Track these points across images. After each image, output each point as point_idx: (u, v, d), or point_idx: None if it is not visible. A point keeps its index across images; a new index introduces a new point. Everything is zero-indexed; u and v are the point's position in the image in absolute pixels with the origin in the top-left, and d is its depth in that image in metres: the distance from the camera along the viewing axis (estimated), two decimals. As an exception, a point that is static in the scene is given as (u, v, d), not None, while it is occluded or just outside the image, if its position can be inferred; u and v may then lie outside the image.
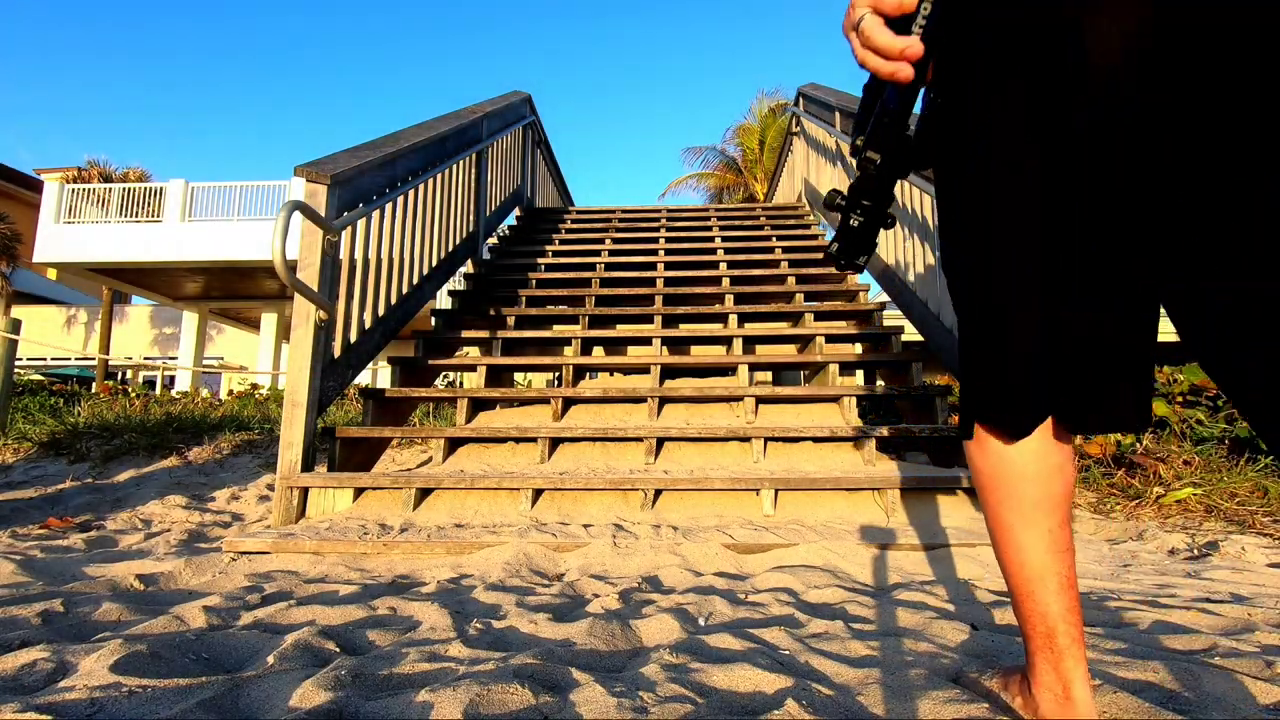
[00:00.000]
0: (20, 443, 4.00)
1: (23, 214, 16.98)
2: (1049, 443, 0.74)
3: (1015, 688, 0.82)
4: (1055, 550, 0.74)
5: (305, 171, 2.55)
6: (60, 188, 12.09)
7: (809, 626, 1.24)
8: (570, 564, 1.85)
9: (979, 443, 0.77)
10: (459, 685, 0.89)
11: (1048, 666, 0.75)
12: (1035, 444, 0.73)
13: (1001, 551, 0.78)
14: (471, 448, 3.00)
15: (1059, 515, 0.75)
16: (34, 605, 1.30)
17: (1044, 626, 0.74)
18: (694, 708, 0.86)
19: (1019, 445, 0.73)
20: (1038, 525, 0.74)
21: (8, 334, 4.11)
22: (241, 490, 3.25)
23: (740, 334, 3.53)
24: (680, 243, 5.11)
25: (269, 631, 1.18)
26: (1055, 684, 0.74)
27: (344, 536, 2.04)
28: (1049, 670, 0.75)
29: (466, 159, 4.22)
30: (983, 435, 0.76)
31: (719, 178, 18.35)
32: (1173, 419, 3.37)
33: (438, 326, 4.00)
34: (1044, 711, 0.75)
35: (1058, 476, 0.74)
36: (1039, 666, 0.76)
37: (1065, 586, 0.74)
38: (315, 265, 2.52)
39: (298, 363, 2.49)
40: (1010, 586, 0.78)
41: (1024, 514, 0.75)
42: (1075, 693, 0.73)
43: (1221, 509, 2.58)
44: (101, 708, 0.84)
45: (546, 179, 6.98)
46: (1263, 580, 1.69)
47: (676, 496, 2.46)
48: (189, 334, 14.40)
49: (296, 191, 11.18)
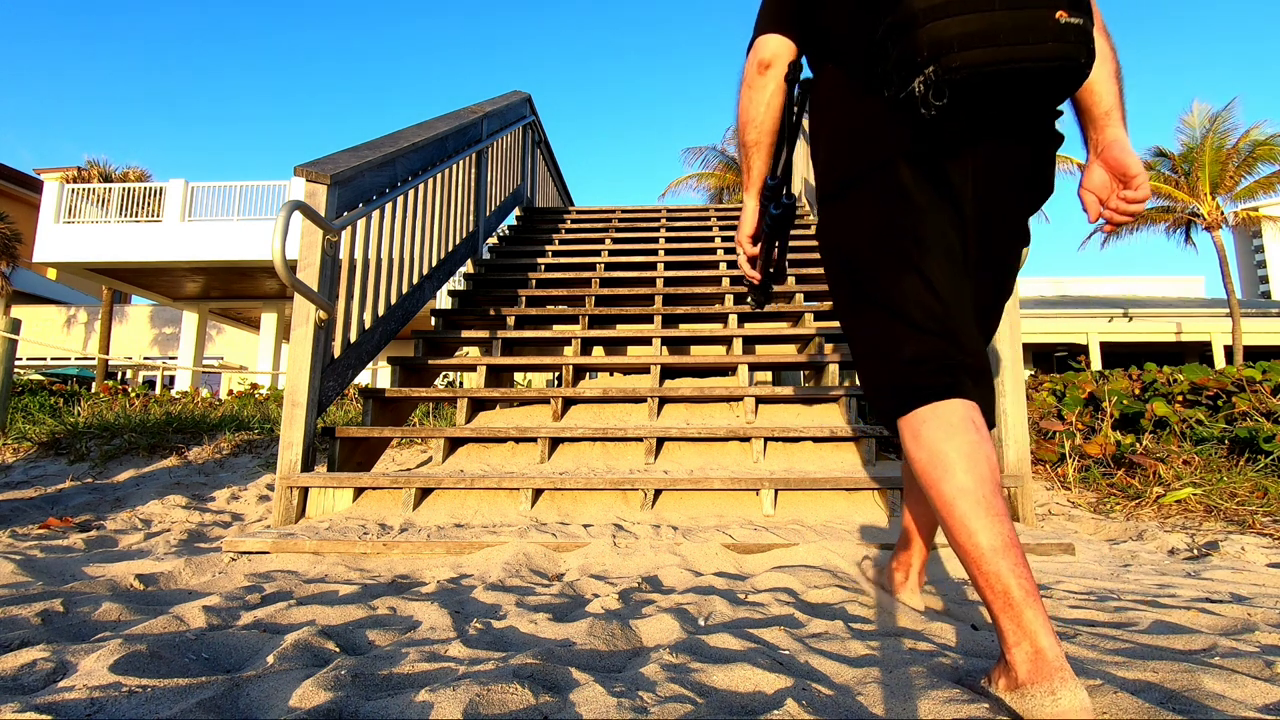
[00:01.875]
0: (20, 442, 4.00)
1: (23, 214, 16.99)
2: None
3: (999, 673, 0.85)
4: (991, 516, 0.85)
5: (305, 171, 2.55)
6: (60, 188, 12.09)
7: (809, 626, 1.24)
8: (570, 564, 1.85)
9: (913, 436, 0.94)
10: (459, 685, 0.89)
11: (1012, 625, 0.81)
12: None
13: (948, 526, 0.88)
14: (471, 448, 3.00)
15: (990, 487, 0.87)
16: (34, 605, 1.30)
17: (1000, 585, 0.81)
18: (694, 708, 0.86)
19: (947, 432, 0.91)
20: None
21: (8, 334, 4.11)
22: (241, 490, 3.25)
23: (740, 334, 3.53)
24: (680, 243, 5.11)
25: (269, 631, 1.18)
26: (1022, 639, 0.80)
27: (344, 536, 2.04)
28: (1014, 628, 0.80)
29: (466, 159, 4.22)
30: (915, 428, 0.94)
31: (719, 178, 18.34)
32: (1173, 419, 3.37)
33: (438, 326, 4.00)
34: (1022, 676, 0.79)
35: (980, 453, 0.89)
36: (1006, 629, 0.81)
37: (1009, 545, 0.83)
38: (315, 265, 2.52)
39: (298, 363, 2.49)
40: (963, 559, 0.87)
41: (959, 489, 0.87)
42: (1041, 643, 0.78)
43: (1221, 509, 2.58)
44: (101, 708, 0.84)
45: (546, 179, 6.98)
46: (1263, 580, 1.69)
47: (676, 496, 2.46)
48: (189, 334, 14.40)
49: (296, 191, 11.19)
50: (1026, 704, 0.78)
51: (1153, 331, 15.60)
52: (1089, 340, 15.47)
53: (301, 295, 2.42)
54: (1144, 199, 1.00)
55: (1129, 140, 1.01)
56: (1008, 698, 0.82)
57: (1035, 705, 0.77)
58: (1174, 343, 15.91)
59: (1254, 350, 14.90)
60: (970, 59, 0.85)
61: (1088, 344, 15.47)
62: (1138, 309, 15.72)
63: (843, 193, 1.05)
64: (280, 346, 14.40)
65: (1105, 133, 1.02)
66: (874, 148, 1.00)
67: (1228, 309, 14.76)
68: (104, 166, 16.24)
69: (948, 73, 0.85)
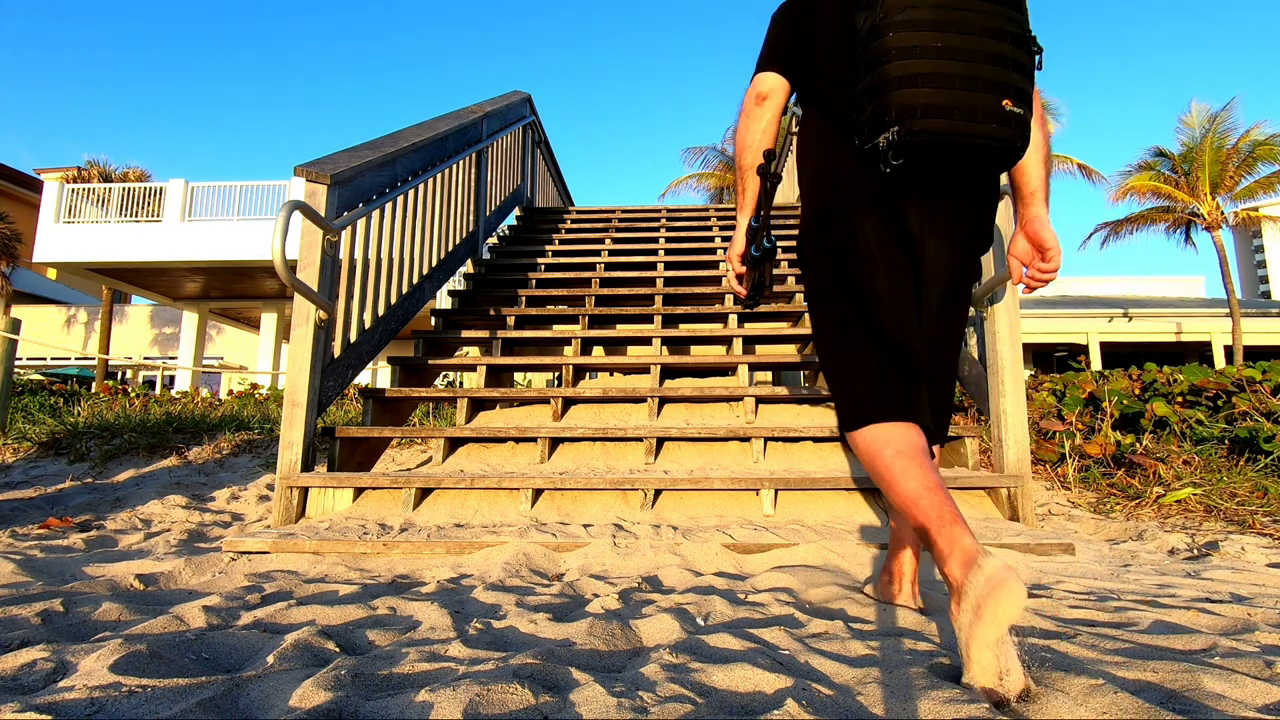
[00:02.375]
0: (20, 442, 4.00)
1: (23, 214, 16.99)
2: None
3: (953, 605, 0.95)
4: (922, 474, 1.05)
5: (305, 171, 2.55)
6: (60, 187, 12.09)
7: (809, 626, 1.24)
8: (570, 564, 1.85)
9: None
10: (459, 685, 0.89)
11: (946, 542, 0.96)
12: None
13: (890, 491, 1.08)
14: (471, 447, 3.00)
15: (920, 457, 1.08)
16: (34, 605, 1.30)
17: (934, 513, 0.99)
18: (694, 708, 0.86)
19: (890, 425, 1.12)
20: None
21: (8, 334, 4.11)
22: (241, 490, 3.25)
23: (740, 334, 3.53)
24: (680, 243, 5.11)
25: (269, 631, 1.18)
26: (954, 548, 0.95)
27: (344, 536, 2.04)
28: (948, 542, 0.96)
29: (466, 159, 4.22)
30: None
31: (719, 178, 18.33)
32: (1173, 419, 3.37)
33: (438, 326, 4.00)
34: (960, 578, 0.92)
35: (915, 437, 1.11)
36: (941, 545, 0.97)
37: (933, 489, 1.02)
38: (315, 265, 2.52)
39: (298, 363, 2.49)
40: (905, 512, 1.05)
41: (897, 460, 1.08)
42: (965, 544, 0.95)
43: (1221, 509, 2.58)
44: (101, 708, 0.84)
45: (546, 179, 6.98)
46: (1263, 580, 1.69)
47: (676, 496, 2.46)
48: (189, 334, 14.39)
49: (296, 191, 11.18)
50: (970, 598, 0.89)
51: (1153, 331, 15.59)
52: (1089, 340, 15.46)
53: (301, 295, 2.42)
54: (1056, 269, 1.20)
55: (1048, 218, 1.21)
56: (966, 619, 0.90)
57: (973, 588, 0.89)
58: (1174, 343, 15.91)
59: (1254, 350, 14.90)
60: (929, 126, 1.02)
61: (1088, 344, 15.46)
62: (1138, 309, 15.72)
63: (819, 222, 1.24)
64: (280, 346, 14.40)
65: (1030, 209, 1.21)
66: (845, 190, 1.19)
67: (1228, 309, 14.76)
68: (104, 166, 16.24)
69: (909, 134, 1.03)
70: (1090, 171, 16.42)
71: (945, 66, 1.04)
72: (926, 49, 1.04)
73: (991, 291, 2.42)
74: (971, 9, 1.06)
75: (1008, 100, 1.04)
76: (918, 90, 1.03)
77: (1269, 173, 14.90)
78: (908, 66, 1.04)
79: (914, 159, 1.05)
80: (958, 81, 1.03)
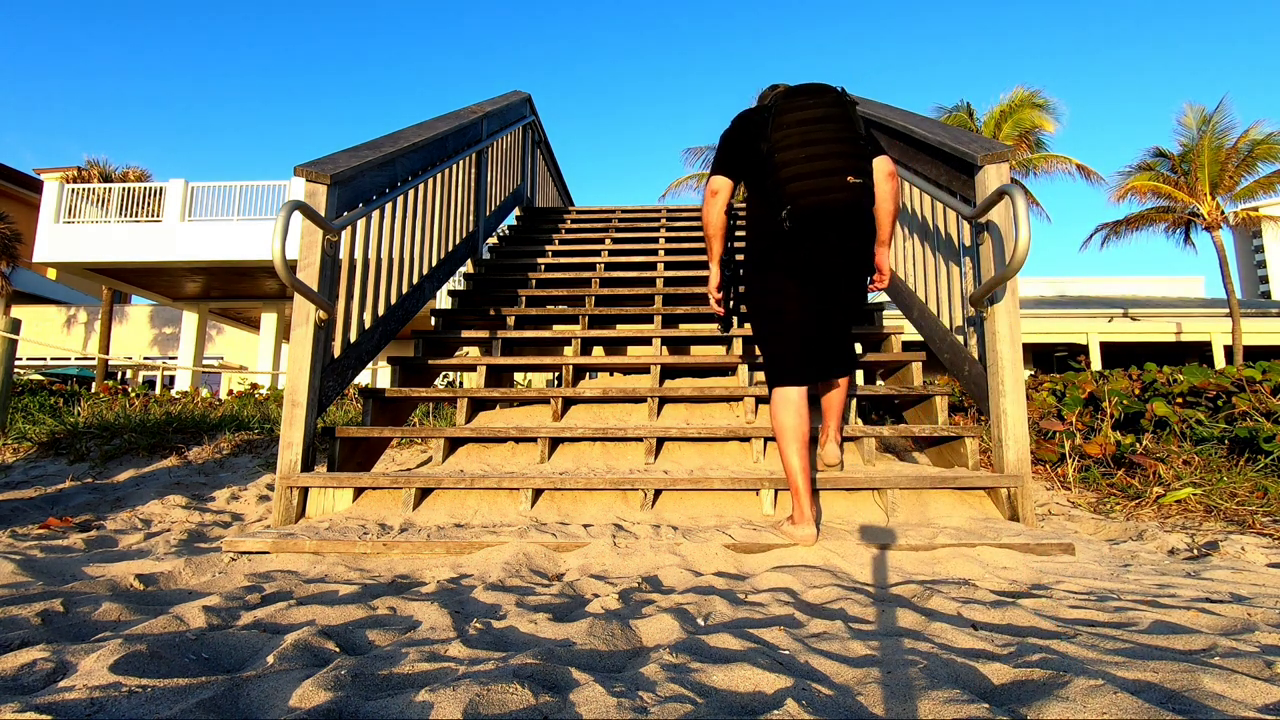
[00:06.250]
0: (20, 442, 4.00)
1: (23, 214, 17.00)
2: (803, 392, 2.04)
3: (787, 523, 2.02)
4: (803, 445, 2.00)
5: (305, 171, 2.55)
6: (60, 187, 12.09)
7: (809, 626, 1.24)
8: (570, 564, 1.85)
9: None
10: (459, 685, 0.89)
11: (799, 507, 1.97)
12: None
13: (781, 449, 2.01)
14: (471, 448, 3.00)
15: (806, 429, 2.00)
16: (34, 605, 1.30)
17: (800, 485, 1.96)
18: (694, 708, 0.86)
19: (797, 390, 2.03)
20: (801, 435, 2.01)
21: (8, 334, 4.11)
22: (241, 490, 3.25)
23: (740, 334, 3.53)
24: (680, 242, 5.11)
25: (269, 631, 1.18)
26: (803, 512, 1.96)
27: (344, 536, 2.04)
28: (799, 508, 1.97)
29: (466, 159, 4.22)
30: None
31: (719, 178, 18.31)
32: (1173, 419, 3.37)
33: (438, 326, 4.00)
34: (796, 528, 1.96)
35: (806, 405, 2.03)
36: (795, 508, 1.98)
37: (804, 472, 1.97)
38: (315, 265, 2.52)
39: (298, 363, 2.49)
40: (785, 470, 2.00)
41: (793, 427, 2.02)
42: (807, 513, 1.96)
43: (1221, 509, 2.58)
44: (101, 708, 0.84)
45: (546, 179, 6.98)
46: (1263, 580, 1.69)
47: (676, 496, 2.46)
48: (189, 334, 14.39)
49: (296, 191, 11.19)
50: (786, 530, 1.98)
51: (1153, 331, 15.59)
52: (1089, 340, 15.46)
53: (301, 295, 2.42)
54: (884, 286, 2.22)
55: (887, 254, 2.12)
56: (785, 525, 2.01)
57: (789, 530, 1.97)
58: (1174, 343, 15.90)
59: (1254, 350, 14.90)
60: (806, 201, 1.85)
61: (1088, 344, 15.46)
62: (1138, 309, 15.72)
63: (759, 265, 2.06)
64: (280, 346, 14.40)
65: (879, 245, 2.09)
66: (770, 243, 1.99)
67: (1228, 309, 14.76)
68: (104, 166, 16.24)
69: (797, 208, 1.86)
70: (1089, 172, 16.41)
71: (809, 167, 1.85)
72: (797, 159, 1.86)
73: (991, 292, 2.42)
74: (819, 133, 1.86)
75: (851, 177, 1.85)
76: (798, 183, 1.85)
77: (1269, 172, 14.90)
78: (789, 170, 1.86)
79: (803, 220, 1.87)
80: (818, 173, 1.84)
